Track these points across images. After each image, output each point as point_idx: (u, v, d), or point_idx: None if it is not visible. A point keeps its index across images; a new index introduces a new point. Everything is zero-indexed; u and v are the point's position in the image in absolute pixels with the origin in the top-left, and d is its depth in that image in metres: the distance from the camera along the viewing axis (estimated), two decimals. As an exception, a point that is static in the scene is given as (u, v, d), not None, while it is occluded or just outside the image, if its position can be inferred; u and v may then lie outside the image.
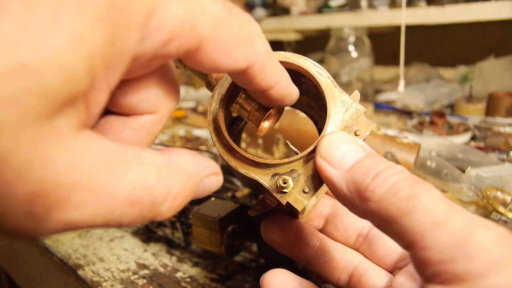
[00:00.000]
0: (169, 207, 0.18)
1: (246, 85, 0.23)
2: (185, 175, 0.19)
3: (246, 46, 0.19)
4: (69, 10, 0.13)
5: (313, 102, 0.34)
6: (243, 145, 0.78)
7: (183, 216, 0.47)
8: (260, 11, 1.41)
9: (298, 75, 0.30)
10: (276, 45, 1.51)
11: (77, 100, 0.14)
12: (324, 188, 0.27)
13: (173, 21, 0.16)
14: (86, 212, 0.15)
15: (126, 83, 0.20)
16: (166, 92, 0.22)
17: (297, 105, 0.36)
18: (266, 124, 0.28)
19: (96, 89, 0.15)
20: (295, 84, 0.30)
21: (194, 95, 1.35)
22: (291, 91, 0.25)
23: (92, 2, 0.13)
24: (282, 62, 0.28)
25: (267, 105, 0.27)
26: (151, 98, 0.21)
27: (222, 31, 0.18)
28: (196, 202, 0.48)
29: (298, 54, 0.29)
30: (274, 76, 0.22)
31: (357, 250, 0.33)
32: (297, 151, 0.30)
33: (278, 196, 0.27)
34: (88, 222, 0.15)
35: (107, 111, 0.22)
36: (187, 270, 0.46)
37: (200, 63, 0.19)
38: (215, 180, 0.21)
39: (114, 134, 0.21)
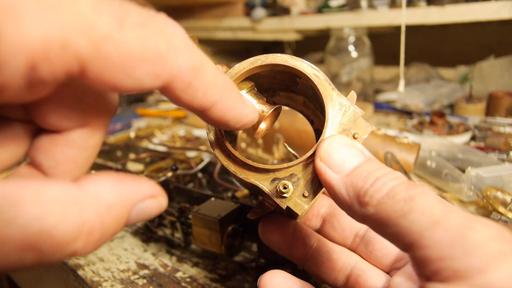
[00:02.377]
0: (84, 244, 0.16)
1: (174, 102, 0.20)
2: (102, 207, 0.17)
3: (153, 63, 0.17)
4: None
5: (309, 102, 0.34)
6: (243, 145, 0.78)
7: (183, 216, 0.47)
8: (260, 11, 1.41)
9: (294, 76, 0.30)
10: (276, 45, 1.51)
11: None
12: (322, 190, 0.28)
13: (29, 42, 0.14)
14: None
15: (41, 103, 0.18)
16: (92, 105, 0.20)
17: (292, 105, 0.36)
18: (263, 126, 0.28)
19: None
20: (291, 85, 0.30)
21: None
22: (239, 114, 0.22)
23: None
24: (278, 65, 0.29)
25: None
26: (72, 114, 0.19)
27: (109, 48, 0.15)
28: (196, 202, 0.48)
29: (295, 57, 0.29)
30: (207, 96, 0.19)
31: (354, 251, 0.34)
32: (296, 154, 0.30)
33: (278, 201, 0.27)
34: None
35: (40, 129, 0.20)
36: (187, 270, 0.46)
37: (95, 86, 0.16)
38: (154, 203, 0.19)
39: (45, 154, 0.20)
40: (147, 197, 0.19)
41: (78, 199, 0.16)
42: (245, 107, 0.22)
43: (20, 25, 0.14)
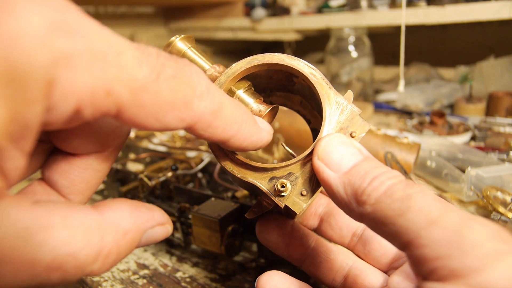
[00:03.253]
0: (100, 266, 0.18)
1: (197, 137, 0.22)
2: (120, 233, 0.18)
3: (180, 111, 0.19)
4: None
5: (305, 101, 0.34)
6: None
7: (183, 216, 0.47)
8: (260, 11, 1.41)
9: (291, 76, 0.30)
10: (276, 45, 1.51)
11: None
12: (320, 188, 0.28)
13: (80, 90, 0.15)
14: (2, 283, 0.15)
15: (65, 130, 0.20)
16: (110, 132, 0.21)
17: (289, 105, 0.36)
18: None
19: (9, 159, 0.15)
20: (288, 84, 0.30)
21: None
22: (254, 141, 0.24)
23: None
24: (275, 64, 0.29)
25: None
26: (93, 140, 0.21)
27: (145, 98, 0.17)
28: (196, 202, 0.48)
29: (292, 56, 0.29)
30: (226, 131, 0.21)
31: (352, 250, 0.34)
32: (294, 154, 0.30)
33: (276, 199, 0.27)
34: None
35: (55, 149, 0.22)
36: (187, 270, 0.46)
37: (126, 124, 0.18)
38: (161, 230, 0.21)
39: (61, 174, 0.21)
40: (157, 224, 0.21)
41: (100, 225, 0.18)
42: (260, 132, 0.24)
43: (74, 74, 0.15)
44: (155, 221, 0.21)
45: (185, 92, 0.19)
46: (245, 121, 0.23)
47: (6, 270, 0.15)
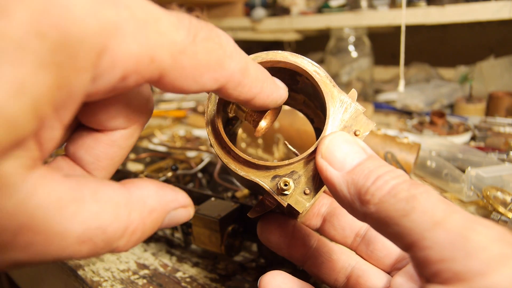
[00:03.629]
0: (126, 243, 0.18)
1: (224, 98, 0.22)
2: (146, 210, 0.19)
3: (215, 71, 0.19)
4: (9, 60, 0.13)
5: (309, 101, 0.34)
6: (243, 145, 0.78)
7: (183, 216, 0.47)
8: (260, 11, 1.41)
9: (294, 74, 0.30)
10: (276, 45, 1.51)
11: (25, 142, 0.14)
12: (323, 188, 0.27)
13: (127, 58, 0.16)
14: (34, 253, 0.15)
15: (94, 103, 0.20)
16: (137, 108, 0.22)
17: (292, 104, 0.35)
18: (263, 124, 0.28)
19: (48, 128, 0.15)
20: (291, 83, 0.30)
21: (194, 95, 1.35)
22: (275, 98, 0.24)
23: (34, 49, 0.13)
24: (279, 62, 0.28)
25: (254, 109, 0.27)
26: (121, 115, 0.21)
27: (185, 60, 0.18)
28: (196, 202, 0.48)
29: (296, 54, 0.29)
30: (252, 89, 0.22)
31: (355, 251, 0.33)
32: (296, 152, 0.30)
33: (279, 198, 0.27)
34: (38, 260, 0.15)
35: (80, 124, 0.22)
36: (187, 270, 0.46)
37: (165, 89, 0.19)
38: (184, 213, 0.21)
39: (86, 150, 0.22)
40: (180, 206, 0.21)
41: (128, 201, 0.18)
42: (279, 89, 0.25)
43: (122, 43, 0.15)
44: (179, 202, 0.21)
45: (218, 52, 0.19)
46: (266, 79, 0.23)
47: (39, 239, 0.15)
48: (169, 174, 0.54)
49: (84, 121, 0.21)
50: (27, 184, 0.14)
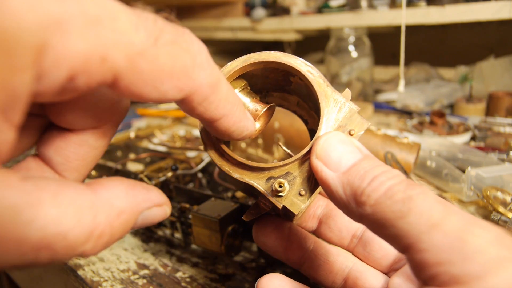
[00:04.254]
0: (92, 247, 0.17)
1: (187, 113, 0.21)
2: (113, 213, 0.18)
3: (179, 79, 0.18)
4: None
5: (303, 102, 0.33)
6: (243, 145, 0.78)
7: (183, 216, 0.47)
8: (260, 11, 1.41)
9: (288, 75, 0.30)
10: (276, 45, 1.51)
11: None
12: (319, 189, 0.27)
13: (72, 56, 0.14)
14: None
15: (60, 103, 0.19)
16: (108, 107, 0.21)
17: (286, 105, 0.35)
18: (257, 126, 0.28)
19: None
20: (284, 84, 0.29)
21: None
22: (242, 127, 0.23)
23: None
24: (272, 62, 0.28)
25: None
26: (89, 115, 0.20)
27: (143, 64, 0.16)
28: (196, 202, 0.48)
29: (289, 54, 0.28)
30: (219, 109, 0.21)
31: (352, 252, 0.33)
32: (291, 153, 0.30)
33: (274, 200, 0.26)
34: None
35: (51, 124, 0.21)
36: (187, 270, 0.46)
37: (123, 94, 0.17)
38: (158, 211, 0.20)
39: (55, 150, 0.21)
40: (154, 205, 0.20)
41: (92, 203, 0.17)
42: (248, 120, 0.24)
43: (66, 40, 0.14)
44: (152, 201, 0.20)
45: (185, 59, 0.18)
46: (237, 104, 0.22)
47: None
48: (169, 174, 0.54)
49: (53, 120, 0.20)
50: None
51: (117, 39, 0.15)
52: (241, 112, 0.23)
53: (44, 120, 0.21)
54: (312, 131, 0.34)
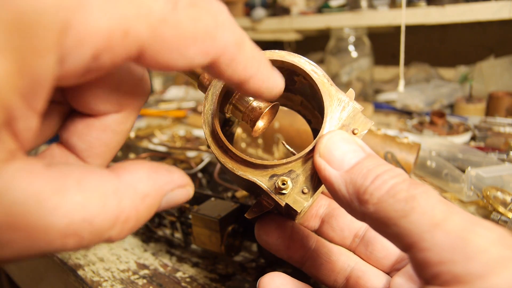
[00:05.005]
0: (119, 232, 0.17)
1: (216, 77, 0.20)
2: (138, 197, 0.17)
3: (204, 42, 0.17)
4: None
5: (306, 102, 0.33)
6: (243, 145, 0.78)
7: (183, 216, 0.47)
8: (260, 11, 1.41)
9: (291, 74, 0.30)
10: (276, 45, 1.51)
11: None
12: (321, 188, 0.27)
13: (95, 34, 0.14)
14: (17, 249, 0.14)
15: (81, 87, 0.19)
16: (129, 90, 0.21)
17: (289, 105, 0.35)
18: (260, 124, 0.28)
19: (20, 117, 0.14)
20: (288, 84, 0.29)
21: (194, 95, 1.35)
22: (271, 85, 0.22)
23: None
24: (276, 61, 0.28)
25: (247, 95, 0.26)
26: (111, 99, 0.20)
27: (166, 31, 0.16)
28: (196, 202, 0.48)
29: (293, 53, 0.28)
30: (247, 69, 0.20)
31: (354, 252, 0.33)
32: (294, 151, 0.30)
33: (276, 197, 0.27)
34: (23, 256, 0.15)
35: (73, 111, 0.21)
36: (187, 270, 0.46)
37: (150, 67, 0.17)
38: (182, 193, 0.20)
39: (79, 137, 0.21)
40: (177, 187, 0.20)
41: (117, 188, 0.16)
42: (276, 76, 0.23)
43: (88, 18, 0.14)
44: (175, 183, 0.19)
45: (206, 20, 0.17)
46: (264, 62, 0.21)
47: (19, 236, 0.14)
48: (169, 174, 0.54)
49: (75, 106, 0.20)
50: (1, 179, 0.13)
51: (137, 10, 0.15)
52: (269, 69, 0.22)
53: (66, 107, 0.21)
54: (316, 131, 0.34)
